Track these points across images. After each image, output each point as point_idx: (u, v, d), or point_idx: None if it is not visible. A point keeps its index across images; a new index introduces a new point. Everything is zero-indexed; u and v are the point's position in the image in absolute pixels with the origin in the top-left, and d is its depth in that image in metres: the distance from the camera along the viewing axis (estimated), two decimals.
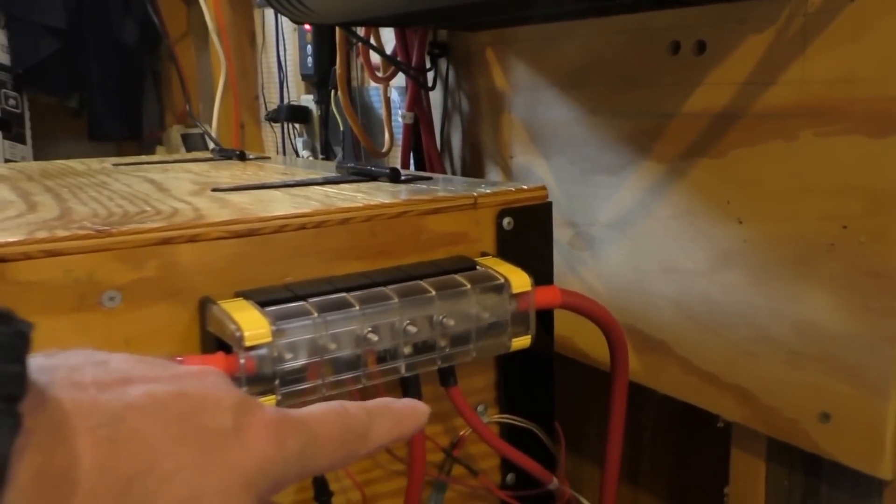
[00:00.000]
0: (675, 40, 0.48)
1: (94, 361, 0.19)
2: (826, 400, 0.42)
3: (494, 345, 0.40)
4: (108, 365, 0.19)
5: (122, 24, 1.39)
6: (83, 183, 0.56)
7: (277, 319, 0.33)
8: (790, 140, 0.42)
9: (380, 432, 0.22)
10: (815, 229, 0.41)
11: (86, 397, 0.17)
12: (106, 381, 0.18)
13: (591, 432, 0.65)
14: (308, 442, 0.20)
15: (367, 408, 0.23)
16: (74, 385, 0.17)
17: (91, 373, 0.18)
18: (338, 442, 0.21)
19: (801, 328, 0.43)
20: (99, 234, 0.33)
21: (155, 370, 0.19)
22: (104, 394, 0.17)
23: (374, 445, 0.22)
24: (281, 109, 1.06)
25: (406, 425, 0.24)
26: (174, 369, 0.20)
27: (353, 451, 0.22)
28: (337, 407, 0.22)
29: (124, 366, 0.19)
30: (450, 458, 0.44)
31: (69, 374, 0.18)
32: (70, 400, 0.17)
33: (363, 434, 0.22)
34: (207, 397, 0.19)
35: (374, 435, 0.22)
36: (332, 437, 0.21)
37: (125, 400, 0.18)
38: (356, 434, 0.22)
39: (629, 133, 0.53)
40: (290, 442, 0.20)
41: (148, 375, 0.19)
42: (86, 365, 0.18)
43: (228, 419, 0.19)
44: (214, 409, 0.19)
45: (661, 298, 0.52)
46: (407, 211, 0.41)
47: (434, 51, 0.72)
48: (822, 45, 0.40)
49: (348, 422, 0.22)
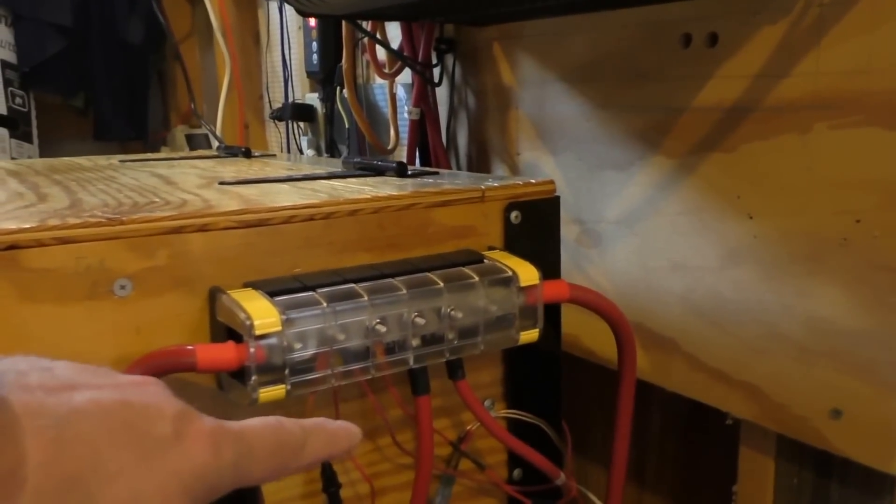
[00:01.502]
0: (687, 33, 0.48)
1: (39, 367, 0.20)
2: (837, 396, 0.41)
3: (502, 338, 0.40)
4: (54, 371, 0.20)
5: (128, 24, 1.39)
6: (91, 177, 0.56)
7: (287, 309, 0.33)
8: (803, 133, 0.42)
9: (314, 449, 0.24)
10: (828, 224, 0.41)
11: (33, 400, 0.18)
12: (52, 386, 0.19)
13: (596, 432, 0.65)
14: (243, 453, 0.22)
15: (303, 425, 0.24)
16: (22, 388, 0.18)
17: (37, 377, 0.19)
18: (272, 455, 0.23)
19: (813, 324, 0.42)
20: (110, 222, 0.33)
21: (98, 378, 0.20)
22: (51, 397, 0.18)
23: (308, 461, 0.24)
24: (286, 108, 1.06)
25: (339, 444, 0.25)
26: (116, 378, 0.21)
27: (286, 464, 0.23)
28: (273, 422, 0.23)
29: (69, 373, 0.20)
30: (457, 451, 0.44)
31: (17, 377, 0.19)
32: (19, 402, 0.18)
33: (297, 449, 0.23)
34: (149, 405, 0.20)
35: (308, 451, 0.24)
36: (266, 450, 0.22)
37: (71, 404, 0.18)
38: (290, 449, 0.23)
39: (638, 128, 0.53)
40: (226, 451, 0.21)
41: (92, 383, 0.20)
42: (32, 370, 0.19)
43: (169, 427, 0.20)
44: (156, 416, 0.20)
45: (670, 295, 0.51)
46: (415, 203, 0.41)
47: (440, 46, 0.72)
48: (838, 37, 0.39)
49: (283, 437, 0.23)
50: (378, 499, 0.41)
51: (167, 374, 0.32)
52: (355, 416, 0.41)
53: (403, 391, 0.40)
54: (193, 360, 0.32)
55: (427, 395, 0.39)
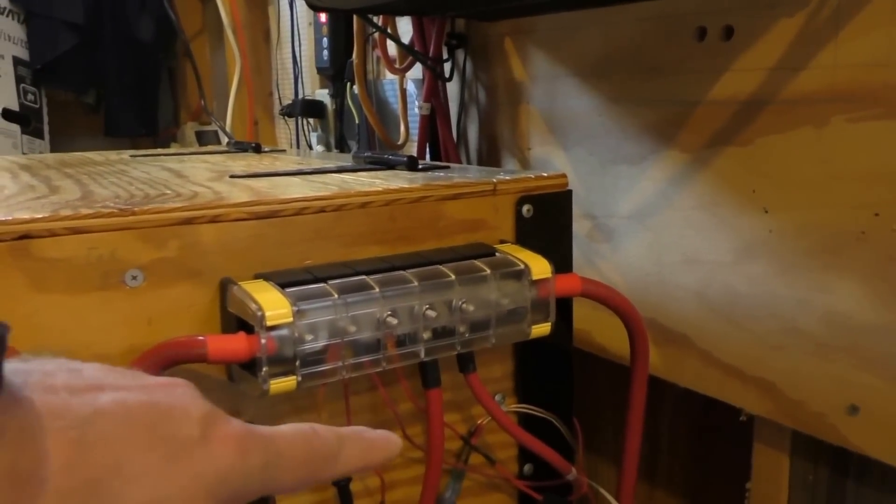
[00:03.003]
0: (702, 26, 0.48)
1: (67, 368, 0.20)
2: (855, 392, 0.41)
3: (514, 331, 0.39)
4: (82, 373, 0.20)
5: (139, 21, 1.40)
6: (102, 171, 0.56)
7: (298, 300, 0.33)
8: (821, 126, 0.41)
9: (349, 458, 0.23)
10: (846, 217, 0.40)
11: (57, 400, 0.18)
12: (78, 387, 0.19)
13: (606, 429, 0.65)
14: (272, 459, 0.21)
15: (339, 433, 0.24)
16: (47, 389, 0.18)
17: (64, 378, 0.19)
18: (302, 463, 0.22)
19: (830, 319, 0.42)
20: (122, 213, 0.33)
21: (126, 379, 0.20)
22: (75, 398, 0.18)
23: (343, 470, 0.23)
24: (296, 104, 1.06)
25: (376, 454, 0.24)
26: (145, 380, 0.21)
27: (318, 473, 0.23)
28: (307, 429, 0.23)
29: (97, 374, 0.20)
30: (468, 445, 0.44)
31: (43, 378, 0.18)
32: (42, 402, 0.18)
33: (331, 458, 0.23)
34: (175, 407, 0.20)
35: (343, 460, 0.23)
36: (297, 458, 0.22)
37: (95, 405, 0.18)
38: (323, 457, 0.23)
39: (652, 122, 0.52)
40: (253, 456, 0.21)
41: (119, 384, 0.20)
42: (59, 371, 0.19)
43: (195, 429, 0.20)
44: (182, 418, 0.20)
45: (683, 291, 0.51)
46: (426, 196, 0.41)
47: (451, 42, 0.72)
48: (856, 29, 0.39)
49: (316, 445, 0.23)
50: (388, 492, 0.41)
51: (178, 365, 0.32)
52: (365, 410, 0.40)
53: (414, 384, 0.39)
54: (205, 351, 0.32)
55: (438, 388, 0.39)
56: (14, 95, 1.30)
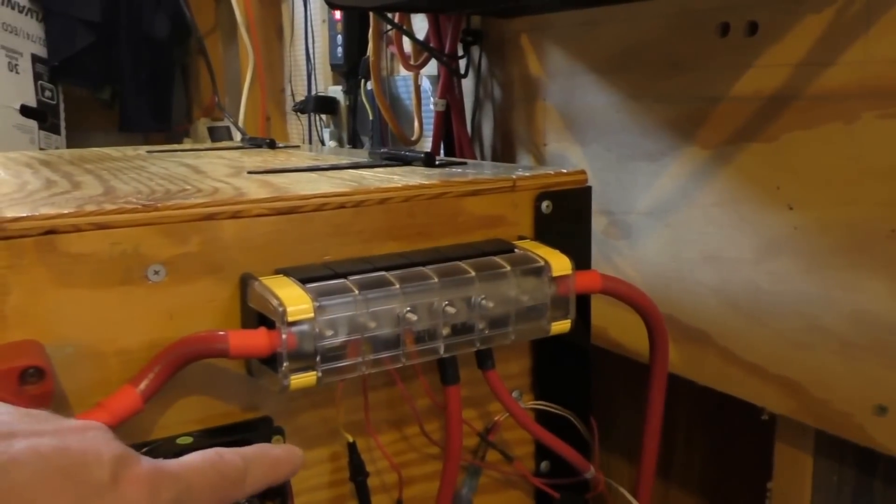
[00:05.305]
0: (725, 21, 0.47)
1: None
2: (883, 392, 0.40)
3: (533, 328, 0.39)
4: None
5: (154, 19, 1.41)
6: (121, 166, 0.57)
7: (319, 296, 0.33)
8: (850, 122, 0.40)
9: (256, 478, 0.25)
10: (875, 215, 0.40)
11: None
12: None
13: (621, 426, 0.64)
14: (182, 492, 0.22)
15: (244, 454, 0.25)
16: None
17: None
18: (212, 489, 0.23)
19: (857, 317, 0.41)
20: (145, 208, 0.33)
21: (39, 424, 0.21)
22: None
23: (251, 490, 0.24)
24: (309, 100, 1.07)
25: (282, 469, 0.26)
26: (57, 423, 0.21)
27: (227, 497, 0.24)
28: (212, 455, 0.24)
29: (8, 419, 0.21)
30: (485, 442, 0.43)
31: None
32: None
33: (238, 480, 0.24)
34: (88, 451, 0.21)
35: (250, 480, 0.24)
36: (206, 486, 0.23)
37: (9, 453, 0.19)
38: (231, 481, 0.24)
39: (672, 118, 0.51)
40: (163, 493, 0.22)
41: (32, 430, 0.20)
42: None
43: (106, 472, 0.20)
44: (94, 462, 0.20)
45: (703, 288, 0.50)
46: (445, 192, 0.41)
47: (467, 38, 0.71)
48: (888, 24, 0.38)
49: (223, 469, 0.24)
50: (405, 488, 0.41)
51: (199, 360, 0.32)
52: (383, 405, 0.40)
53: (432, 380, 0.39)
54: (226, 346, 0.32)
55: (457, 384, 0.39)
56: (32, 92, 1.31)
